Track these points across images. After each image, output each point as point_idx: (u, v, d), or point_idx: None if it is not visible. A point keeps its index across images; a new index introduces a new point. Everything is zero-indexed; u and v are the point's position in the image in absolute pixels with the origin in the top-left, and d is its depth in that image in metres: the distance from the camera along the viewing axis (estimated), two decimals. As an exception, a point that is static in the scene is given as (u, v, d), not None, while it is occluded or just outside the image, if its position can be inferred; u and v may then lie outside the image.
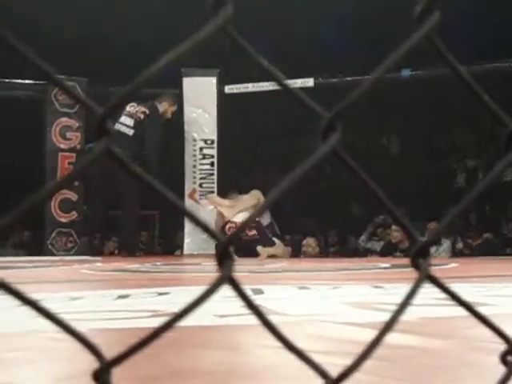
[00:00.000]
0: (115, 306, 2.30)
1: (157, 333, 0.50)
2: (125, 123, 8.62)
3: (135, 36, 11.04)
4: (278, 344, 0.54)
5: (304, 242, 10.51)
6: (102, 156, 0.47)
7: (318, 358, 0.54)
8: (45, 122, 9.51)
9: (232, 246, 0.51)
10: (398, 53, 0.54)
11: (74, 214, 9.40)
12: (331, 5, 10.86)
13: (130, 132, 8.63)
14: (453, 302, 0.60)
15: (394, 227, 9.71)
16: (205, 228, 0.50)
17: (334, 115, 0.53)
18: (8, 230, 0.44)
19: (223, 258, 0.51)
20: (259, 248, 8.74)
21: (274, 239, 9.23)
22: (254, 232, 8.77)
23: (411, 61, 9.08)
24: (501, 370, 0.67)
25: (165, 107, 9.10)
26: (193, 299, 0.51)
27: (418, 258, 0.56)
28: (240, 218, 8.66)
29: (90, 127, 8.62)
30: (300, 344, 0.54)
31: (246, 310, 0.53)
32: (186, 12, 8.05)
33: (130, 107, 8.72)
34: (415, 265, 0.57)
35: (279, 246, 9.16)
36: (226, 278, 0.50)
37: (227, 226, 8.77)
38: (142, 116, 8.77)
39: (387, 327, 0.53)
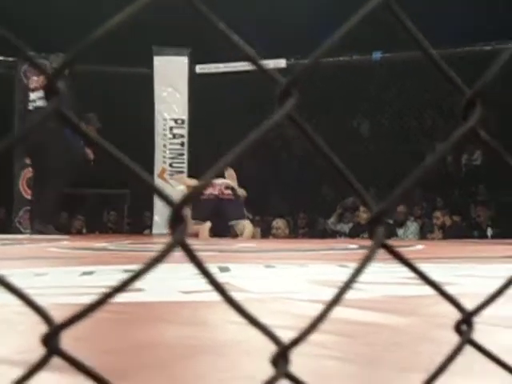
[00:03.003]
0: (79, 281, 2.29)
1: (106, 297, 0.49)
2: (37, 97, 8.24)
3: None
4: (244, 320, 0.53)
5: (274, 223, 10.52)
6: (51, 116, 0.46)
7: (280, 333, 0.54)
8: (14, 100, 9.43)
9: (185, 209, 0.50)
10: (353, 20, 0.53)
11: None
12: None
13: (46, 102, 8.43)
14: (418, 281, 0.60)
15: (361, 209, 9.72)
16: (157, 191, 0.49)
17: (289, 80, 0.52)
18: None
19: (176, 222, 0.50)
20: (242, 222, 8.71)
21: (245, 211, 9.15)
22: (229, 192, 8.71)
23: (382, 44, 9.12)
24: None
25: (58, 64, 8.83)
26: (144, 265, 0.50)
27: (374, 226, 0.56)
28: (216, 179, 8.63)
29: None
30: (263, 320, 0.54)
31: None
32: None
33: (33, 83, 8.45)
34: (372, 234, 0.56)
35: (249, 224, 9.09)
36: (178, 242, 0.50)
37: None
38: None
39: (344, 289, 0.53)
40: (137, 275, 0.50)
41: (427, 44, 0.59)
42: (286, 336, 0.55)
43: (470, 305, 0.65)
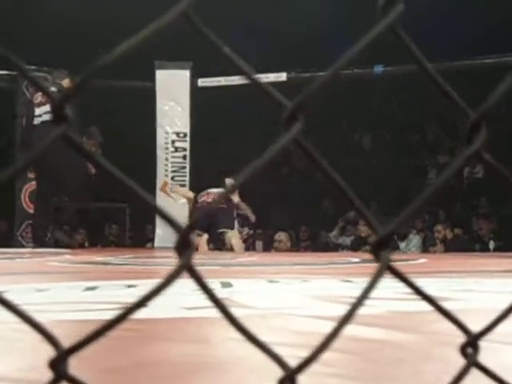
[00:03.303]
0: (82, 297, 2.28)
1: (115, 321, 0.49)
2: (42, 112, 8.27)
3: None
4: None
5: (276, 236, 10.51)
6: (58, 142, 0.47)
7: (282, 351, 0.54)
8: (16, 113, 9.43)
9: (192, 234, 0.51)
10: (361, 44, 0.54)
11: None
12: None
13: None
14: (420, 297, 0.60)
15: (361, 222, 9.72)
16: (163, 216, 0.50)
17: (295, 105, 0.53)
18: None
19: (183, 247, 0.50)
20: (230, 232, 8.70)
21: (236, 224, 9.09)
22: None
23: (384, 57, 9.13)
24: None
25: (67, 84, 8.82)
26: (151, 289, 0.50)
27: (379, 249, 0.56)
28: (214, 189, 8.63)
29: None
30: (264, 337, 0.54)
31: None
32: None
33: (38, 98, 8.47)
34: (376, 256, 0.56)
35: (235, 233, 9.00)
36: (185, 266, 0.50)
37: (198, 195, 8.74)
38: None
39: (346, 319, 0.53)
40: (143, 300, 0.50)
41: (430, 66, 0.59)
42: (290, 354, 0.55)
43: (473, 322, 0.65)
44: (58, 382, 0.48)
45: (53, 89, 8.52)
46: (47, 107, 8.42)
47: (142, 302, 0.49)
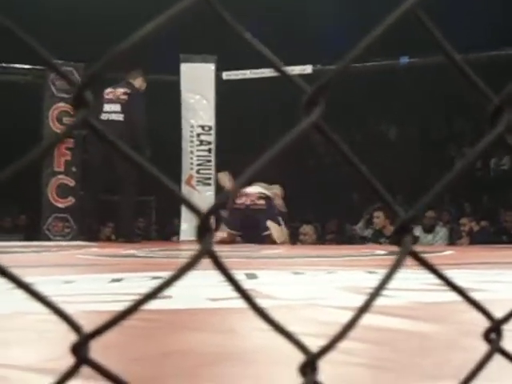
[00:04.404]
0: (108, 289, 2.30)
1: (135, 306, 0.49)
2: (111, 110, 8.51)
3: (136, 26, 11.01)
4: (272, 328, 0.54)
5: (301, 229, 10.49)
6: (79, 127, 0.47)
7: (308, 341, 0.54)
8: (42, 107, 9.48)
9: (212, 219, 0.51)
10: (381, 28, 0.53)
11: (70, 200, 9.37)
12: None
13: (120, 117, 8.51)
14: (445, 288, 0.59)
15: (375, 214, 9.58)
16: (183, 201, 0.50)
17: (315, 89, 0.52)
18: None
19: (203, 232, 0.50)
20: (269, 223, 8.63)
21: (280, 219, 9.02)
22: (262, 202, 8.64)
23: (409, 48, 9.08)
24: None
25: (139, 83, 8.95)
26: (172, 273, 0.50)
27: (401, 234, 0.56)
28: (253, 189, 8.54)
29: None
30: (291, 327, 0.54)
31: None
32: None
33: (109, 94, 8.60)
34: (398, 242, 0.56)
35: (283, 229, 8.95)
36: (206, 251, 0.50)
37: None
38: (125, 97, 8.65)
39: (367, 304, 0.53)
40: (165, 284, 0.50)
41: (451, 49, 0.59)
42: (315, 344, 0.55)
43: (499, 312, 0.64)
44: (80, 366, 0.49)
45: (124, 89, 8.64)
46: (117, 106, 8.56)
47: (164, 286, 0.49)
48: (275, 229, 8.70)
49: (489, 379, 0.89)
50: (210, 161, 9.93)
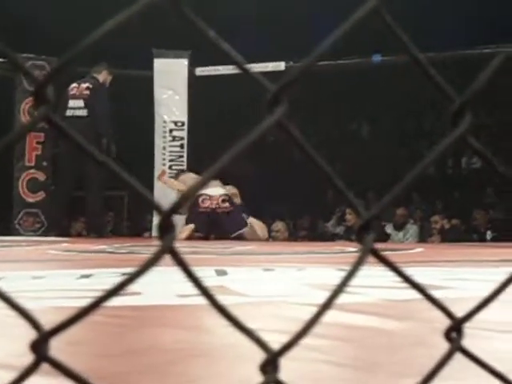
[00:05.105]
0: (76, 285, 2.29)
1: (97, 303, 0.49)
2: (76, 106, 8.48)
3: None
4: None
5: (273, 226, 10.50)
6: (39, 122, 0.47)
7: (270, 337, 0.54)
8: (14, 101, 9.40)
9: (173, 216, 0.51)
10: (347, 25, 0.53)
11: (41, 195, 9.30)
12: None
13: (84, 112, 8.49)
14: (401, 279, 0.60)
15: (347, 210, 9.64)
16: (146, 198, 0.50)
17: (279, 88, 0.53)
18: None
19: (165, 229, 0.50)
20: (251, 220, 8.64)
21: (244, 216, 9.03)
22: (226, 204, 8.64)
23: (382, 46, 9.11)
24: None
25: (104, 77, 8.91)
26: (134, 270, 0.50)
27: (363, 233, 0.56)
28: (215, 191, 8.54)
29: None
30: (257, 323, 0.54)
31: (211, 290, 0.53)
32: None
33: (73, 89, 8.58)
34: (361, 241, 0.56)
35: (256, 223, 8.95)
36: (167, 249, 0.50)
37: (200, 198, 8.64)
38: (87, 92, 8.62)
39: (329, 301, 0.53)
40: (128, 281, 0.50)
41: (415, 48, 0.59)
42: (279, 340, 0.55)
43: (464, 309, 0.65)
44: (39, 363, 0.48)
45: (87, 84, 8.61)
46: (80, 102, 8.53)
47: (126, 283, 0.49)
48: (258, 225, 8.74)
49: (454, 378, 0.90)
50: (182, 156, 9.91)
